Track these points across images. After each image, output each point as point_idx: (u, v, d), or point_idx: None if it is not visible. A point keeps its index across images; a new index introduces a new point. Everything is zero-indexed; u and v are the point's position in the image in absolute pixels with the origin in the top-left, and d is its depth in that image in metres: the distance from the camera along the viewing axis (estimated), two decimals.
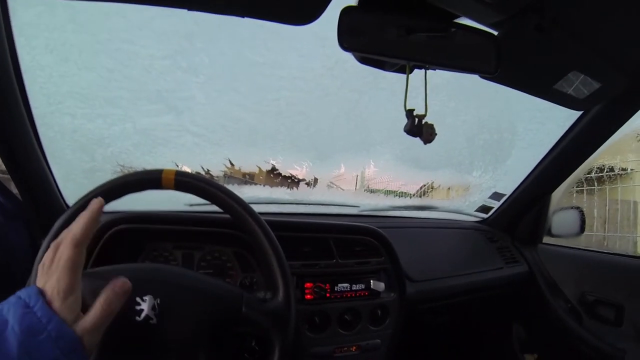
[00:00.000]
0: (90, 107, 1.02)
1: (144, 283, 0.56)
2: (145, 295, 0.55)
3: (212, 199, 0.70)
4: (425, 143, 0.69)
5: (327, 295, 0.96)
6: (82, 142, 1.06)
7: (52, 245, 0.48)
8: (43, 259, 0.47)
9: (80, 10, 0.89)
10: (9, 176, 0.89)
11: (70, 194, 1.01)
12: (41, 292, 0.44)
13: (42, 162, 0.92)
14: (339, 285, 0.98)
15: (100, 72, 0.98)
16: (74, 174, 1.06)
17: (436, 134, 0.68)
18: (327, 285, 0.97)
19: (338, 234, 1.03)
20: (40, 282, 0.45)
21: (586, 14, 0.73)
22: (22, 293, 0.44)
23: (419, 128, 0.68)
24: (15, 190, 0.93)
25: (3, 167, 0.88)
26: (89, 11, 0.90)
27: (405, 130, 0.69)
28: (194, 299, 0.59)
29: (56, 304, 0.43)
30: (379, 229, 1.07)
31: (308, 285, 0.95)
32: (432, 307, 1.21)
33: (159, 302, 0.55)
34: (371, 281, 1.00)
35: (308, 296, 0.95)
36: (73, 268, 0.45)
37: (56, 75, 0.96)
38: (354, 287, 0.99)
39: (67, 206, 1.00)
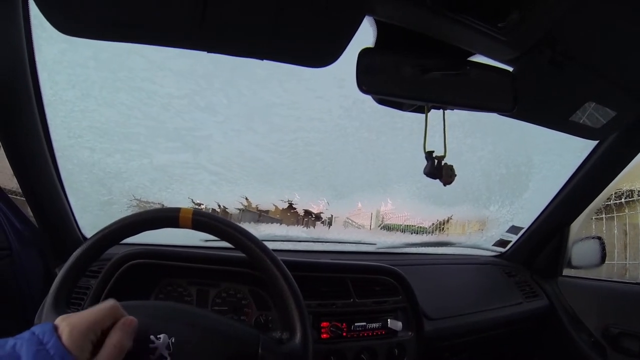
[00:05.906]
0: (109, 142, 1.04)
1: (159, 321, 0.55)
2: (159, 333, 0.53)
3: (230, 240, 0.69)
4: (444, 185, 0.68)
5: (344, 334, 0.94)
6: (100, 175, 1.08)
7: None
8: None
9: (102, 48, 0.92)
10: (23, 198, 0.90)
11: (87, 225, 1.02)
12: (56, 329, 0.43)
13: (61, 192, 0.93)
14: (356, 324, 0.96)
15: (119, 109, 1.01)
16: (90, 205, 1.07)
17: (456, 175, 0.68)
18: (344, 324, 0.95)
19: (356, 274, 1.01)
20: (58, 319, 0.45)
21: (598, 44, 0.74)
22: (36, 329, 0.43)
23: (439, 170, 0.67)
24: (29, 213, 0.94)
25: (17, 189, 0.89)
26: (111, 50, 0.93)
27: (425, 173, 0.68)
28: (209, 339, 0.58)
29: (70, 342, 0.42)
30: (396, 268, 1.05)
31: (324, 324, 0.93)
32: (450, 345, 1.17)
33: (173, 341, 0.54)
34: (388, 320, 0.98)
35: (324, 335, 0.92)
36: (93, 310, 0.46)
37: (77, 110, 0.99)
38: (371, 326, 0.97)
39: (83, 237, 1.01)
